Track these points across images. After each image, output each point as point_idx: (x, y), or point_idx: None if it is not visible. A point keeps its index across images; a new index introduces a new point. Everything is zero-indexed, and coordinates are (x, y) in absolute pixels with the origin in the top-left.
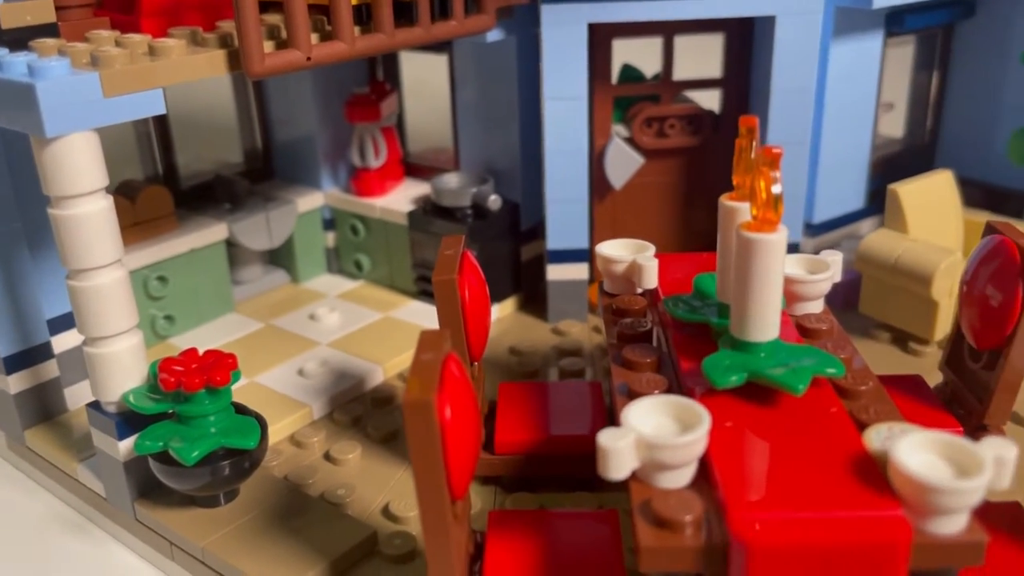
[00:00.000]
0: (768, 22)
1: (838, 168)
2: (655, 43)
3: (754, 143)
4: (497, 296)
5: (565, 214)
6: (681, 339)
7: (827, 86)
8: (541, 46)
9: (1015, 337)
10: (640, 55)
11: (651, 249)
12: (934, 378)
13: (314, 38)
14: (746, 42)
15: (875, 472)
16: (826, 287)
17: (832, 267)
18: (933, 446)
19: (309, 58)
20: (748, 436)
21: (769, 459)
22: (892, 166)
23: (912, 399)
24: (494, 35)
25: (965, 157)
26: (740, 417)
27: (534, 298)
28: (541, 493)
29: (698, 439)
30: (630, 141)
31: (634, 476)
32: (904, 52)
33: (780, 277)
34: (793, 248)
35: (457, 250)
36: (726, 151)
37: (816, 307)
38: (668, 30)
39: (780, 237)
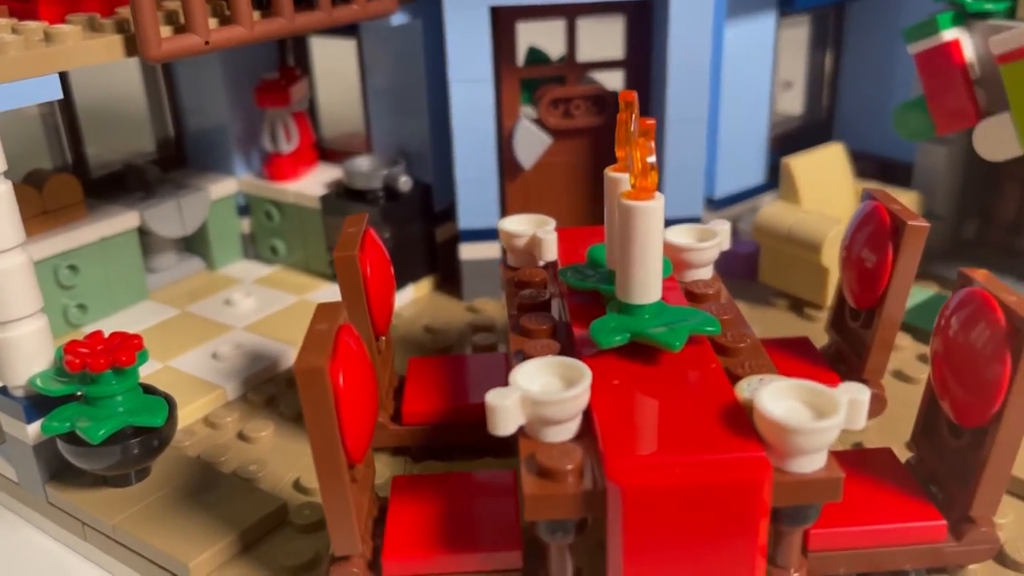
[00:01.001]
0: (663, 4)
1: (737, 144)
2: (562, 26)
3: (633, 116)
4: (412, 276)
5: (475, 194)
6: (575, 306)
7: (723, 65)
8: (444, 30)
9: (887, 296)
10: (548, 37)
11: (551, 223)
12: (825, 340)
13: (214, 23)
14: (645, 24)
15: (743, 419)
16: (713, 254)
17: (719, 235)
18: (795, 392)
19: (207, 42)
20: (630, 391)
21: (646, 411)
22: (792, 141)
23: (799, 359)
24: (399, 19)
25: (860, 131)
26: (626, 375)
27: (450, 278)
28: (449, 462)
29: (578, 394)
30: (538, 122)
31: (523, 432)
32: (799, 31)
33: (659, 242)
34: (693, 222)
35: (359, 228)
36: None
37: (705, 273)
38: (570, 12)
39: (657, 204)
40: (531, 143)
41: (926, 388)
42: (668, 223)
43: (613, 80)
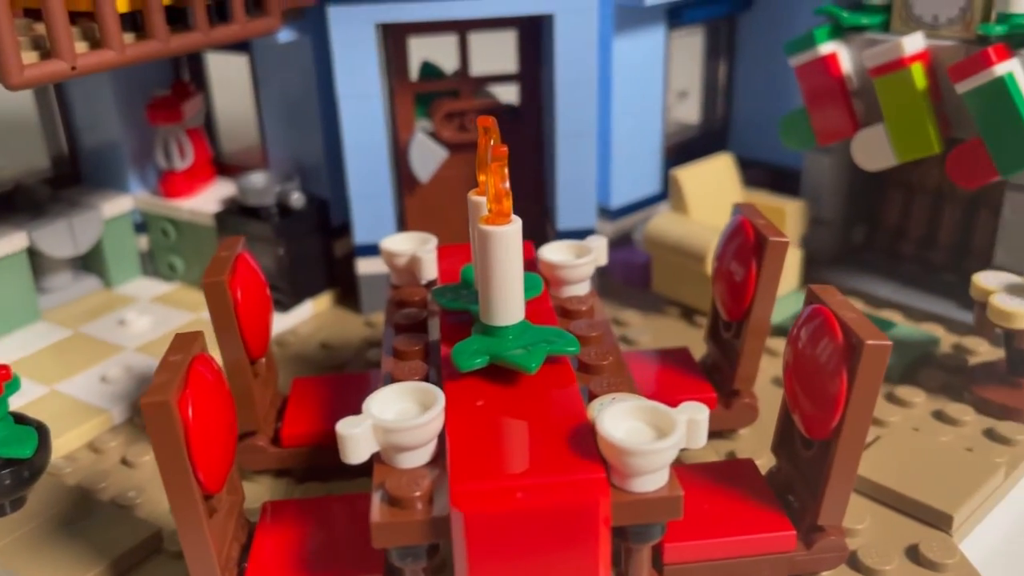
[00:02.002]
0: (549, 19)
1: (631, 155)
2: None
3: (491, 142)
4: (311, 292)
5: (370, 209)
6: (448, 327)
7: (613, 78)
8: (330, 46)
9: (752, 308)
10: (447, 52)
11: (432, 242)
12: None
13: (84, 46)
14: (537, 38)
15: (589, 440)
16: (588, 271)
17: (594, 252)
18: (637, 413)
19: (74, 68)
20: (486, 414)
21: (498, 434)
22: (689, 150)
23: (677, 369)
24: (285, 36)
25: (753, 140)
26: (487, 396)
27: (350, 292)
28: (331, 483)
29: (428, 421)
30: (433, 136)
31: (379, 458)
32: (693, 42)
33: (517, 265)
34: (588, 233)
35: (232, 252)
36: (525, 143)
37: (581, 289)
38: (461, 28)
39: (513, 228)
40: (427, 157)
41: (783, 399)
42: (561, 235)
43: (513, 94)
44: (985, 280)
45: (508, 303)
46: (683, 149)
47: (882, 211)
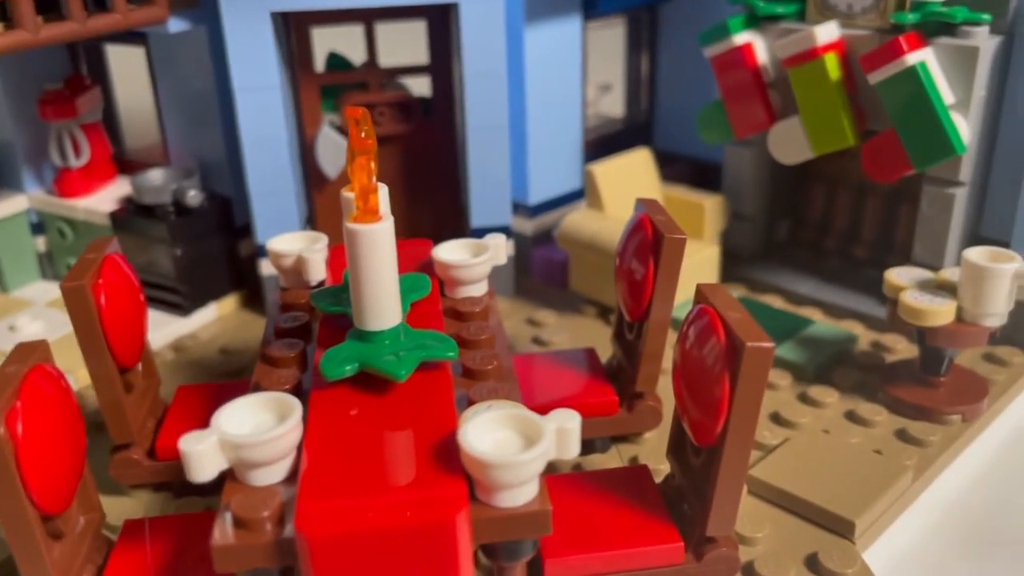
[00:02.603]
0: (455, 9)
1: (549, 149)
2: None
3: (363, 133)
4: (214, 294)
5: (272, 207)
6: (326, 332)
7: (527, 70)
8: (224, 36)
9: (651, 308)
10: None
11: (323, 241)
12: None
13: None
14: (447, 28)
15: (454, 453)
16: (484, 270)
17: (490, 251)
18: (507, 422)
19: None
20: (348, 426)
21: (359, 447)
22: (613, 144)
23: (580, 372)
24: (177, 25)
25: (677, 134)
26: (357, 406)
27: (256, 294)
28: (210, 496)
29: (280, 435)
30: (341, 130)
31: (232, 475)
32: (614, 34)
33: (389, 266)
34: (503, 230)
35: (99, 254)
36: (439, 138)
37: (477, 290)
38: (367, 17)
39: (382, 227)
40: (334, 152)
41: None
42: (476, 232)
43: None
44: (898, 276)
45: (380, 306)
46: (607, 143)
47: (805, 205)
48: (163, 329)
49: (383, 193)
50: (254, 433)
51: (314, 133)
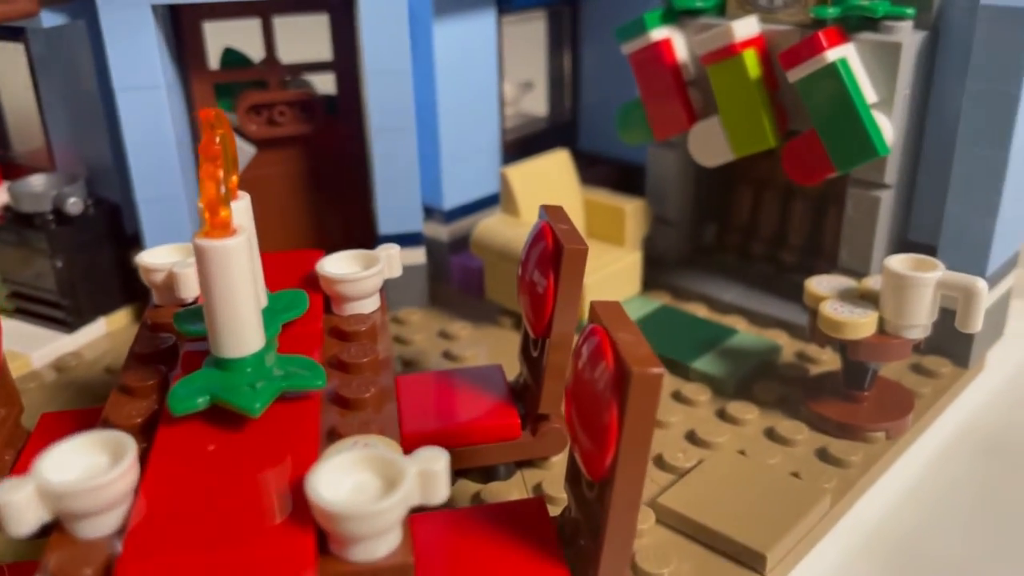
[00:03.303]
0: (355, 2)
1: (464, 152)
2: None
3: (218, 139)
4: (103, 309)
5: (162, 214)
6: (188, 358)
7: (437, 67)
8: (101, 32)
9: (553, 323)
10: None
11: None
12: None
13: None
14: (351, 23)
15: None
16: (373, 284)
17: (381, 263)
18: (369, 464)
19: None
20: (195, 468)
21: (200, 494)
22: (537, 145)
23: (482, 392)
24: (52, 20)
25: (602, 134)
26: (212, 444)
27: None
28: None
29: (108, 482)
30: (239, 131)
31: (60, 527)
32: (535, 28)
33: (245, 286)
34: (413, 237)
35: None
36: (346, 138)
37: (368, 305)
38: (264, 10)
39: (235, 242)
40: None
41: (567, 430)
42: (384, 240)
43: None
44: (818, 285)
45: (237, 331)
46: (530, 143)
47: (732, 209)
48: (45, 347)
49: (243, 204)
50: (78, 480)
51: None
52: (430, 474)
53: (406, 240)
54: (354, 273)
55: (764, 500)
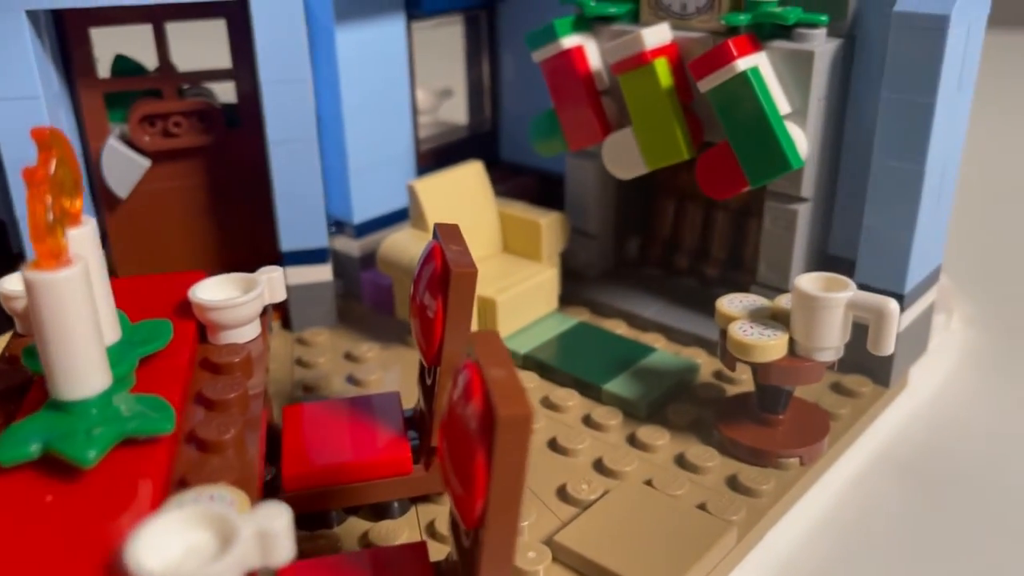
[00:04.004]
0: (246, 6)
1: (374, 163)
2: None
3: (52, 161)
4: None
5: None
6: (36, 397)
7: (340, 75)
8: None
9: (443, 350)
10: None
11: None
12: None
13: None
14: (250, 29)
15: None
16: (250, 311)
17: (260, 286)
18: (208, 521)
19: None
20: (18, 527)
21: (20, 556)
22: (456, 156)
23: (376, 421)
24: None
25: (522, 144)
26: (47, 495)
27: None
28: None
29: None
30: (131, 143)
31: None
32: (451, 33)
33: (80, 322)
34: (318, 253)
35: None
36: (248, 149)
37: (247, 333)
38: (155, 16)
39: (69, 274)
40: (123, 168)
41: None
42: (287, 256)
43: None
44: (729, 305)
45: (73, 371)
46: (448, 153)
47: (655, 221)
48: None
49: (87, 230)
50: None
51: (99, 147)
52: (268, 535)
53: (311, 256)
54: (227, 299)
55: (667, 535)
